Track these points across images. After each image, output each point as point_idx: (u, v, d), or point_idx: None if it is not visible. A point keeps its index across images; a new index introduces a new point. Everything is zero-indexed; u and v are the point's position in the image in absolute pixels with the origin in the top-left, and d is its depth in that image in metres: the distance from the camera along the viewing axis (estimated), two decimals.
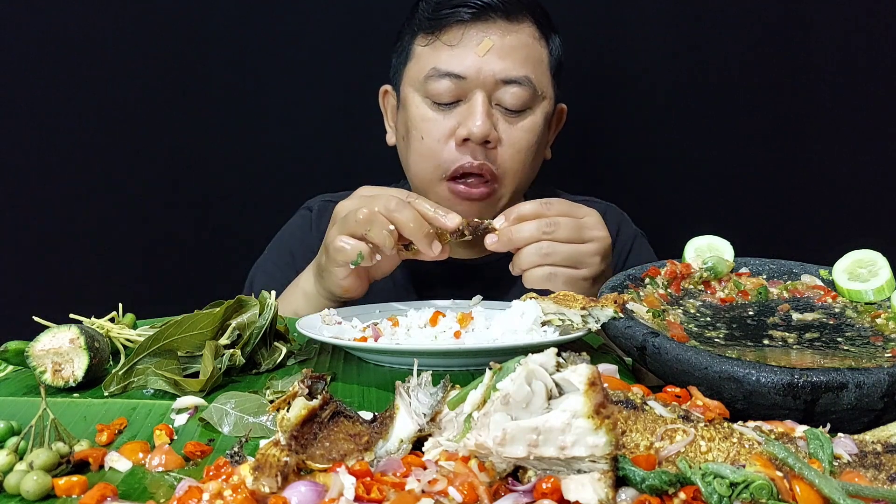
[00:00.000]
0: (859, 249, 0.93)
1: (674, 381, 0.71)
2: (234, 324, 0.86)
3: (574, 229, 1.05)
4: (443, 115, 1.26)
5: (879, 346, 0.80)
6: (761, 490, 0.47)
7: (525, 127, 1.27)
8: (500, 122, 1.25)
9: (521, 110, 1.26)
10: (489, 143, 1.24)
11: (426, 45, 1.28)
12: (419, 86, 1.28)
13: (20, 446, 0.60)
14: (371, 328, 0.93)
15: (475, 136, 1.22)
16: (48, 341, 0.80)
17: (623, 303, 0.82)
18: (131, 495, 0.55)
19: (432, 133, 1.26)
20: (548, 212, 1.06)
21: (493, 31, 1.25)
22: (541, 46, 1.30)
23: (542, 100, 1.29)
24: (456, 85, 1.24)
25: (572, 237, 1.05)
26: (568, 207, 1.07)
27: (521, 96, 1.25)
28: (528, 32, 1.28)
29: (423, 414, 0.58)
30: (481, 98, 1.23)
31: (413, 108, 1.29)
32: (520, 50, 1.26)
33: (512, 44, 1.25)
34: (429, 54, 1.27)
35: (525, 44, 1.27)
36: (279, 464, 0.49)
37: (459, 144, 1.24)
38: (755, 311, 0.90)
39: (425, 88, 1.27)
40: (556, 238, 1.04)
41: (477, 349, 0.81)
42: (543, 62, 1.30)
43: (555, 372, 0.49)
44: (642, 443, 0.52)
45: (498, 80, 1.24)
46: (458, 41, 1.25)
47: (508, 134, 1.26)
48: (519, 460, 0.49)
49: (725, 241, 0.99)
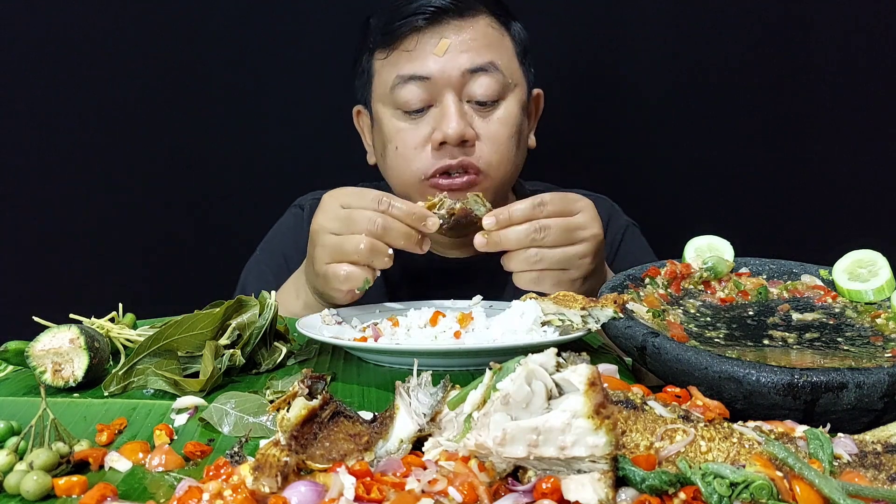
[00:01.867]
0: (859, 249, 0.93)
1: (674, 381, 0.71)
2: (234, 324, 0.86)
3: (564, 231, 1.04)
4: (415, 124, 1.25)
5: (879, 346, 0.80)
6: (761, 490, 0.47)
7: (500, 118, 1.25)
8: (475, 118, 1.24)
9: (494, 101, 1.25)
10: (467, 141, 1.22)
11: (385, 59, 1.28)
12: (387, 99, 1.27)
13: (20, 446, 0.60)
14: (371, 328, 0.93)
15: (451, 137, 1.20)
16: (48, 341, 0.80)
17: (623, 303, 0.82)
18: (131, 495, 0.55)
19: (407, 142, 1.25)
20: (540, 213, 1.04)
21: (448, 30, 1.25)
22: (501, 34, 1.29)
23: (513, 87, 1.27)
24: (423, 89, 1.23)
25: (562, 240, 1.04)
26: (562, 205, 1.06)
27: (490, 85, 1.23)
28: (483, 23, 1.27)
29: (423, 414, 0.58)
30: (451, 98, 1.22)
31: (386, 123, 1.28)
32: (479, 39, 1.25)
33: (470, 36, 1.25)
34: (390, 66, 1.27)
35: (483, 33, 1.26)
36: (279, 464, 0.49)
37: (436, 149, 1.23)
38: (755, 311, 0.90)
39: (393, 99, 1.26)
40: (545, 244, 1.03)
41: (477, 349, 0.81)
42: (507, 48, 1.29)
43: (555, 372, 0.49)
44: (642, 443, 0.52)
45: (464, 72, 1.22)
46: (414, 46, 1.25)
47: (485, 129, 1.24)
48: (519, 460, 0.49)
49: (725, 241, 0.99)
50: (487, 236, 1.04)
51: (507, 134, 1.26)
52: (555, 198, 1.06)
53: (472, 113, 1.24)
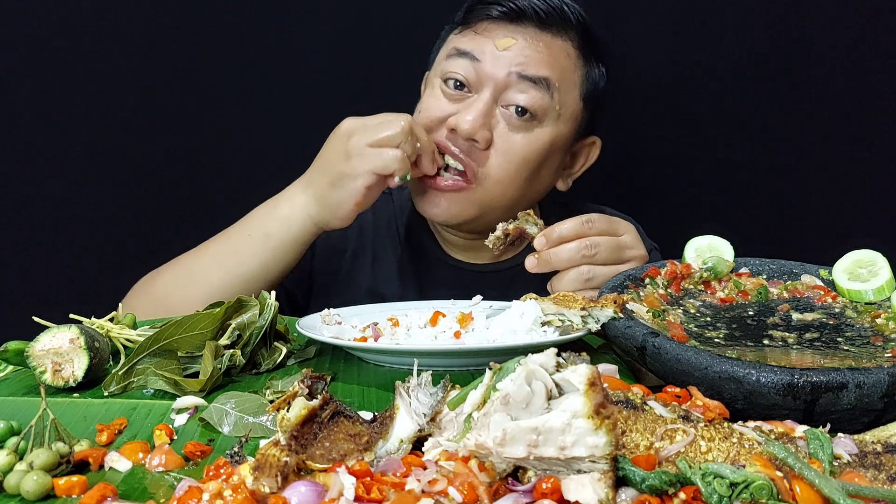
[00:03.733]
0: (859, 249, 0.93)
1: (674, 381, 0.71)
2: (234, 324, 0.86)
3: (614, 250, 1.03)
4: (448, 101, 1.23)
5: (879, 346, 0.80)
6: (761, 490, 0.47)
7: (526, 138, 1.21)
8: (501, 125, 1.20)
9: (531, 118, 1.20)
10: (477, 141, 1.19)
11: (457, 34, 1.27)
12: (439, 68, 1.26)
13: (20, 446, 0.60)
14: (371, 328, 0.93)
15: (462, 129, 1.18)
16: (48, 341, 0.80)
17: (623, 303, 0.82)
18: (131, 495, 0.55)
19: (431, 111, 1.23)
20: (589, 231, 1.03)
21: (522, 34, 1.21)
22: (575, 65, 1.25)
23: (556, 116, 1.22)
24: (468, 70, 1.21)
25: (612, 258, 1.03)
26: (608, 224, 1.05)
27: (534, 98, 1.19)
28: (561, 46, 1.23)
29: (423, 414, 0.58)
30: (487, 94, 1.19)
31: (428, 91, 1.28)
32: (547, 57, 1.21)
33: (539, 48, 1.21)
34: (455, 40, 1.26)
35: (555, 53, 1.22)
36: (279, 464, 0.49)
37: (449, 131, 1.21)
38: (755, 311, 0.90)
39: (442, 68, 1.24)
40: (597, 261, 1.02)
41: (477, 349, 0.81)
42: (574, 81, 1.25)
43: (555, 372, 0.49)
44: (642, 443, 0.52)
45: (512, 74, 1.19)
46: (485, 32, 1.23)
47: (504, 139, 1.20)
48: (519, 460, 0.49)
49: (725, 241, 0.99)
50: (538, 257, 1.02)
51: (526, 155, 1.21)
52: (601, 217, 1.06)
53: (501, 120, 1.21)
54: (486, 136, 1.19)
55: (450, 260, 1.40)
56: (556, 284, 1.04)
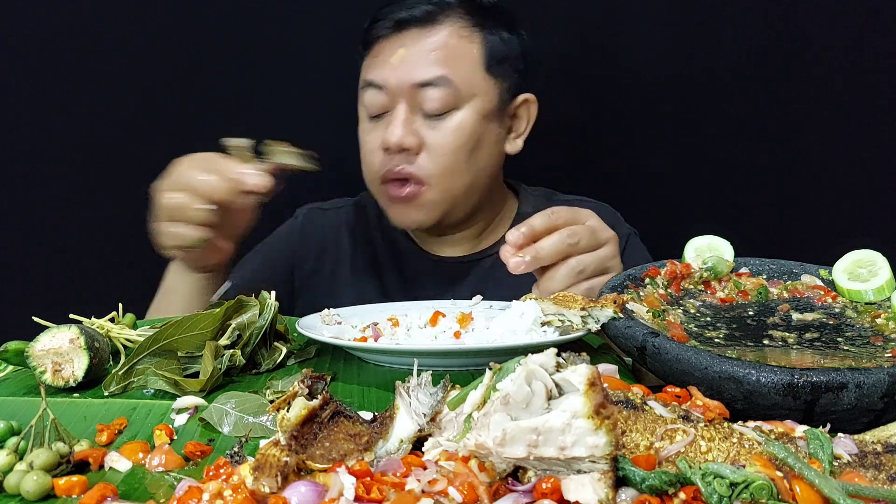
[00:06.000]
0: (859, 249, 0.93)
1: (674, 381, 0.71)
2: (234, 324, 0.86)
3: (590, 236, 1.02)
4: (375, 126, 1.30)
5: (879, 346, 0.80)
6: (761, 490, 0.47)
7: (449, 128, 1.27)
8: (424, 126, 1.27)
9: (445, 112, 1.26)
10: (410, 150, 1.26)
11: (364, 61, 1.34)
12: (360, 98, 1.33)
13: (20, 446, 0.60)
14: (371, 328, 0.93)
15: (390, 144, 1.26)
16: (48, 341, 0.80)
17: (623, 303, 0.82)
18: (131, 495, 0.55)
19: (367, 143, 1.32)
20: (557, 221, 1.02)
21: (409, 39, 1.27)
22: (467, 42, 1.29)
23: (469, 97, 1.27)
24: (380, 95, 1.28)
25: (592, 244, 1.02)
26: (572, 214, 1.04)
27: (439, 98, 1.25)
28: (448, 32, 1.28)
29: (423, 414, 0.58)
30: (402, 107, 1.26)
31: (360, 122, 1.35)
32: (436, 52, 1.26)
33: (428, 47, 1.26)
34: (364, 68, 1.33)
35: (443, 44, 1.27)
36: (279, 464, 0.49)
37: (385, 153, 1.27)
38: (755, 311, 0.90)
39: (362, 100, 1.32)
40: (580, 248, 1.01)
41: (477, 349, 0.81)
42: (470, 57, 1.29)
43: (555, 372, 0.49)
44: (642, 443, 0.52)
45: (414, 85, 1.25)
46: (378, 53, 1.30)
47: (433, 138, 1.26)
48: (519, 460, 0.49)
49: (725, 241, 0.99)
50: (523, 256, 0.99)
51: (456, 144, 1.27)
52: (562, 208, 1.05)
53: (422, 122, 1.27)
54: (414, 141, 1.26)
55: (430, 256, 1.44)
56: (549, 284, 1.01)
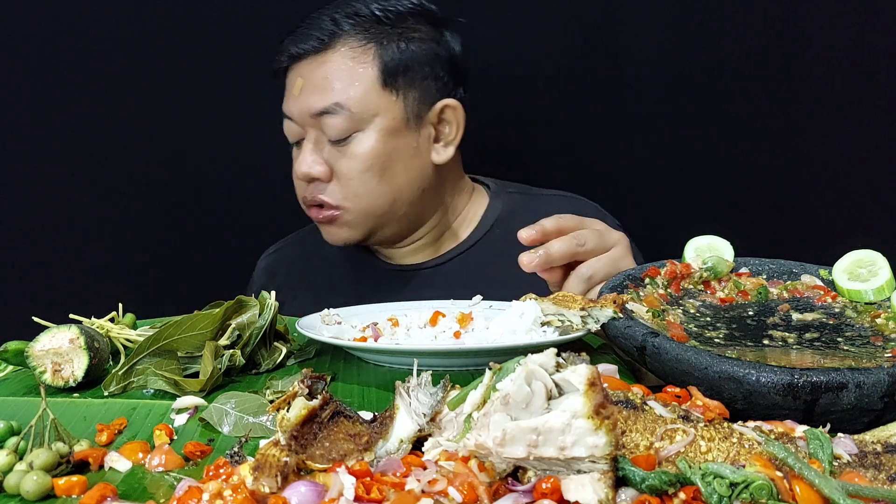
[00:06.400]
0: (859, 249, 0.93)
1: (674, 381, 0.71)
2: (234, 324, 0.86)
3: (598, 238, 1.01)
4: (296, 154, 1.32)
5: (879, 346, 0.80)
6: (761, 490, 0.47)
7: (353, 153, 1.26)
8: (332, 153, 1.27)
9: (346, 137, 1.25)
10: (320, 179, 1.27)
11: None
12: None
13: (20, 446, 0.60)
14: (371, 328, 0.93)
15: (299, 175, 1.29)
16: (48, 341, 0.80)
17: (622, 303, 0.82)
18: (131, 495, 0.55)
19: (293, 171, 1.33)
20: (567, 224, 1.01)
21: (306, 69, 1.28)
22: (359, 63, 1.26)
23: (370, 118, 1.25)
24: (292, 128, 1.30)
25: (599, 246, 1.00)
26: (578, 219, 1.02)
27: (336, 125, 1.24)
28: (340, 54, 1.26)
29: (423, 414, 0.58)
30: (309, 136, 1.28)
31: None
32: (329, 77, 1.25)
33: (323, 75, 1.26)
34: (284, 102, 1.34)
35: (335, 69, 1.26)
36: (279, 464, 0.49)
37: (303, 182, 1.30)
38: (755, 311, 0.90)
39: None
40: (589, 251, 0.99)
41: (477, 349, 0.81)
42: (364, 78, 1.25)
43: (554, 372, 0.49)
44: (642, 443, 0.52)
45: (313, 115, 1.25)
46: (288, 83, 1.31)
47: (339, 164, 1.27)
48: (519, 460, 0.49)
49: (725, 241, 0.99)
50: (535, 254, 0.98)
51: (363, 167, 1.26)
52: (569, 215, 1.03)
53: (330, 149, 1.27)
54: (321, 170, 1.27)
55: (390, 265, 1.43)
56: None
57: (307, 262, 1.48)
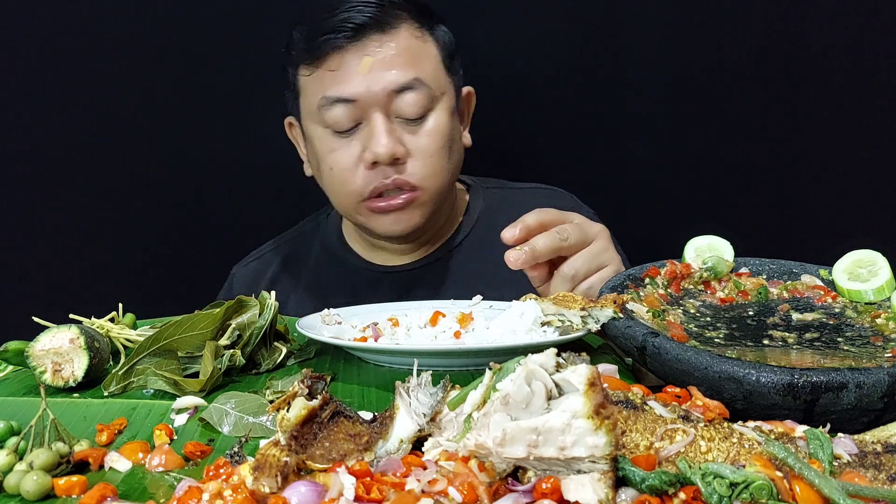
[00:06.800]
0: (859, 249, 0.93)
1: (674, 381, 0.71)
2: (234, 324, 0.86)
3: (579, 231, 1.00)
4: (347, 143, 1.25)
5: (879, 346, 0.80)
6: (761, 490, 0.47)
7: (429, 131, 1.24)
8: (405, 134, 1.24)
9: (422, 115, 1.24)
10: (399, 159, 1.23)
11: (310, 76, 1.26)
12: (316, 118, 1.27)
13: (20, 446, 0.60)
14: (371, 328, 0.93)
15: (381, 157, 1.21)
16: (48, 341, 0.80)
17: (623, 303, 0.82)
18: (131, 495, 0.55)
19: (340, 162, 1.25)
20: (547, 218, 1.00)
21: (371, 46, 1.22)
22: (425, 42, 1.27)
23: (440, 97, 1.26)
24: (350, 109, 1.22)
25: (581, 239, 1.00)
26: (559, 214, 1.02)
27: (417, 102, 1.22)
28: (406, 34, 1.24)
29: (423, 414, 0.58)
30: (379, 117, 1.22)
31: (317, 141, 1.28)
32: (402, 55, 1.23)
33: (393, 52, 1.22)
34: (315, 84, 1.25)
35: (407, 47, 1.24)
36: (279, 464, 0.49)
37: (369, 168, 1.23)
38: (755, 311, 0.90)
39: (322, 119, 1.25)
40: (571, 245, 0.99)
41: (477, 349, 0.81)
42: (432, 57, 1.27)
43: (554, 372, 0.49)
44: (642, 443, 0.52)
45: (390, 93, 1.21)
46: (338, 66, 1.23)
47: (415, 143, 1.24)
48: (519, 460, 0.49)
49: (725, 241, 0.99)
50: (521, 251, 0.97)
51: (438, 145, 1.25)
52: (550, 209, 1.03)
53: (401, 128, 1.24)
54: (402, 149, 1.23)
55: (380, 268, 1.41)
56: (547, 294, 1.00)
57: (292, 270, 1.46)
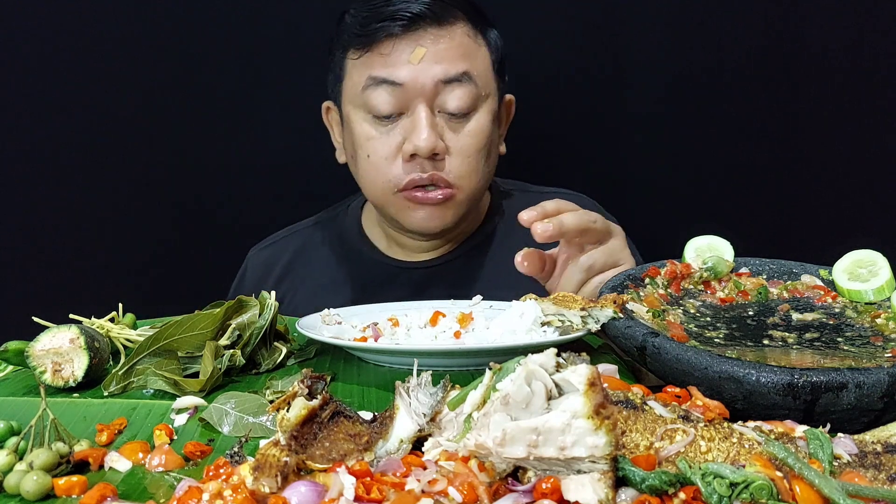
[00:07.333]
0: (859, 249, 0.93)
1: (674, 381, 0.71)
2: (234, 324, 0.86)
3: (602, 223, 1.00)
4: (387, 131, 1.23)
5: (879, 346, 0.80)
6: (761, 490, 0.47)
7: (472, 131, 1.24)
8: (446, 130, 1.23)
9: (466, 113, 1.23)
10: (437, 154, 1.21)
11: (357, 59, 1.25)
12: (358, 101, 1.25)
13: (20, 446, 0.60)
14: (371, 328, 0.93)
15: (422, 150, 1.19)
16: (48, 341, 0.80)
17: (623, 303, 0.82)
18: (131, 495, 0.55)
19: (378, 151, 1.24)
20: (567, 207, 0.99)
21: (425, 38, 1.21)
22: (477, 43, 1.26)
23: (485, 98, 1.25)
24: (394, 95, 1.21)
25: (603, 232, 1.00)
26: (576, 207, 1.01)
27: (464, 97, 1.22)
28: (461, 32, 1.24)
29: (423, 414, 0.58)
30: (423, 109, 1.20)
31: (356, 126, 1.26)
32: (455, 49, 1.22)
33: (446, 46, 1.22)
34: (362, 66, 1.24)
35: (460, 43, 1.23)
36: (279, 464, 0.49)
37: (407, 160, 1.22)
38: (755, 311, 0.90)
39: (364, 102, 1.24)
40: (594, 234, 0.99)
41: (477, 349, 0.81)
42: (483, 58, 1.27)
43: (554, 372, 0.49)
44: (642, 443, 0.52)
45: (438, 83, 1.20)
46: (390, 51, 1.22)
47: (455, 141, 1.23)
48: (519, 460, 0.49)
49: (725, 241, 0.99)
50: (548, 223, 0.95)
51: (477, 147, 1.24)
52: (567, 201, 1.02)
53: (442, 124, 1.23)
54: (442, 146, 1.22)
55: (399, 262, 1.40)
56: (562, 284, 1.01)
57: (306, 258, 1.46)
